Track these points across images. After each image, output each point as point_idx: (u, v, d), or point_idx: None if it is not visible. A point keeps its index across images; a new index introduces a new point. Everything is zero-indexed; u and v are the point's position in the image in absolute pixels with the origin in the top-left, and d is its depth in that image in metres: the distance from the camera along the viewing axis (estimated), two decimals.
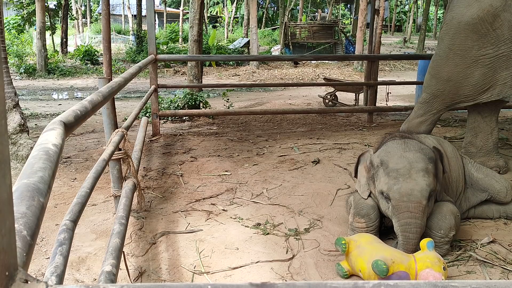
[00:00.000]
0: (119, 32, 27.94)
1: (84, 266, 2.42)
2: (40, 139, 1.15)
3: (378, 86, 6.48)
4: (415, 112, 4.05)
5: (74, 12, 26.69)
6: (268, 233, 2.80)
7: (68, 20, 18.76)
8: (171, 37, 23.91)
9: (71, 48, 19.10)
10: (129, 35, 25.02)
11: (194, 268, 2.40)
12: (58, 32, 18.15)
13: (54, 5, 18.05)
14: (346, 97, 8.06)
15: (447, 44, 3.70)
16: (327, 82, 7.77)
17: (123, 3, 30.69)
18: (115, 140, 2.55)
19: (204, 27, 19.21)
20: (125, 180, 2.79)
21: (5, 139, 0.51)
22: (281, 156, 4.52)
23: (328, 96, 7.71)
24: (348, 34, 19.38)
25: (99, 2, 34.38)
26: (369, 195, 2.64)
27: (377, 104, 6.39)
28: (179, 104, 6.38)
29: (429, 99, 3.90)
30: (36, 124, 6.30)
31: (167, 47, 18.99)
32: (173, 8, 35.74)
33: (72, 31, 26.71)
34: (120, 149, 2.69)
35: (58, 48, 17.89)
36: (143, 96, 5.83)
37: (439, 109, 3.90)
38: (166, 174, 3.97)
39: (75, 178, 3.85)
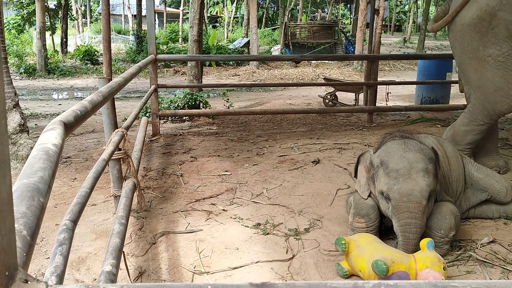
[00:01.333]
0: (119, 32, 27.94)
1: (84, 266, 2.42)
2: (40, 139, 1.15)
3: (378, 86, 6.48)
4: (461, 120, 3.91)
5: (74, 12, 26.69)
6: (268, 233, 2.80)
7: (68, 20, 18.76)
8: (171, 37, 23.92)
9: (71, 48, 19.11)
10: (129, 35, 25.03)
11: (194, 268, 2.40)
12: (58, 32, 18.16)
13: (54, 5, 18.06)
14: (346, 97, 8.06)
15: (460, 49, 3.69)
16: (327, 82, 7.77)
17: (123, 3, 30.69)
18: (115, 140, 2.55)
19: (204, 27, 19.22)
20: (125, 180, 2.79)
21: (5, 139, 0.51)
22: (281, 156, 4.52)
23: (328, 96, 7.71)
24: (348, 34, 19.38)
25: (99, 2, 34.38)
26: (369, 195, 2.64)
27: (377, 104, 6.39)
28: (179, 104, 6.38)
29: (472, 108, 3.79)
30: (36, 124, 6.30)
31: (167, 47, 19.00)
32: (173, 8, 35.74)
33: (72, 31, 26.72)
34: (120, 149, 2.69)
35: (58, 48, 17.90)
36: (143, 96, 5.83)
37: (483, 120, 3.73)
38: (166, 174, 3.97)
39: (75, 178, 3.85)
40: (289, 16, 21.69)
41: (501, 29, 3.42)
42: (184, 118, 6.27)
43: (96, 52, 16.39)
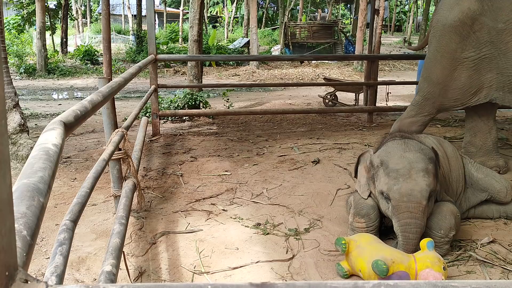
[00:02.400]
0: (119, 32, 27.93)
1: (84, 266, 2.42)
2: (40, 139, 1.16)
3: (378, 86, 6.48)
4: (407, 112, 4.14)
5: (74, 12, 26.69)
6: (268, 233, 2.80)
7: (68, 20, 18.76)
8: (171, 37, 23.92)
9: (71, 48, 19.11)
10: (129, 35, 25.02)
11: (194, 268, 2.40)
12: (58, 32, 18.16)
13: (54, 5, 18.06)
14: (346, 97, 8.06)
15: (435, 46, 3.82)
16: (327, 82, 7.76)
17: (123, 3, 30.68)
18: (115, 140, 2.55)
19: (204, 27, 19.22)
20: (125, 180, 2.79)
21: (5, 139, 0.51)
22: (281, 156, 4.52)
23: (328, 96, 7.71)
24: (348, 34, 19.38)
25: (99, 2, 34.37)
26: (369, 195, 2.64)
27: (377, 104, 6.39)
28: (179, 104, 6.38)
29: (421, 101, 3.98)
30: (36, 124, 6.30)
31: (167, 47, 19.00)
32: (173, 8, 35.73)
33: (72, 31, 26.72)
34: (120, 149, 2.69)
35: (58, 48, 17.90)
36: (143, 96, 5.83)
37: (430, 112, 3.96)
38: (166, 174, 3.97)
39: (75, 178, 3.85)
40: (289, 16, 21.67)
41: (483, 34, 3.53)
42: (184, 118, 6.27)
43: (96, 52, 16.40)
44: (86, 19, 33.20)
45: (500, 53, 3.50)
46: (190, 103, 6.39)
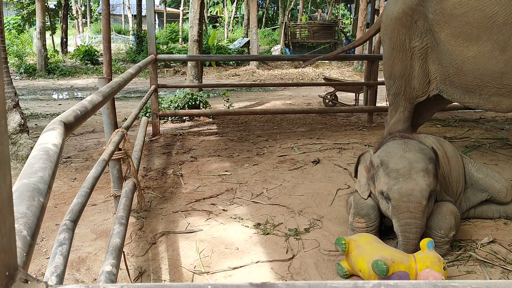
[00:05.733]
0: (119, 32, 27.95)
1: (84, 266, 2.42)
2: (40, 139, 1.16)
3: (378, 86, 6.48)
4: (389, 114, 4.22)
5: (74, 12, 26.71)
6: (268, 233, 2.80)
7: (68, 20, 18.77)
8: (171, 37, 23.93)
9: (71, 48, 19.13)
10: (129, 35, 25.04)
11: (194, 268, 2.40)
12: (58, 32, 18.19)
13: (54, 5, 18.08)
14: (346, 97, 8.05)
15: (388, 43, 3.91)
16: (327, 82, 7.76)
17: (123, 3, 30.70)
18: (115, 140, 2.55)
19: (204, 27, 19.21)
20: (125, 180, 2.79)
21: (5, 139, 0.51)
22: (281, 156, 4.52)
23: (328, 96, 7.71)
24: (348, 34, 19.39)
25: (99, 2, 34.37)
26: (369, 195, 2.64)
27: (377, 104, 6.38)
28: (179, 104, 6.38)
29: (393, 99, 4.07)
30: (36, 124, 6.30)
31: (167, 47, 19.00)
32: (173, 8, 35.73)
33: (72, 31, 26.74)
34: (120, 149, 2.69)
35: (58, 48, 17.93)
36: (143, 96, 5.83)
37: (405, 106, 4.03)
38: (166, 174, 3.97)
39: (75, 178, 3.85)
40: (289, 16, 21.68)
41: (422, 23, 3.63)
42: (184, 118, 6.27)
43: (96, 52, 16.41)
44: (86, 19, 33.21)
45: (437, 44, 3.59)
46: (190, 103, 6.39)
